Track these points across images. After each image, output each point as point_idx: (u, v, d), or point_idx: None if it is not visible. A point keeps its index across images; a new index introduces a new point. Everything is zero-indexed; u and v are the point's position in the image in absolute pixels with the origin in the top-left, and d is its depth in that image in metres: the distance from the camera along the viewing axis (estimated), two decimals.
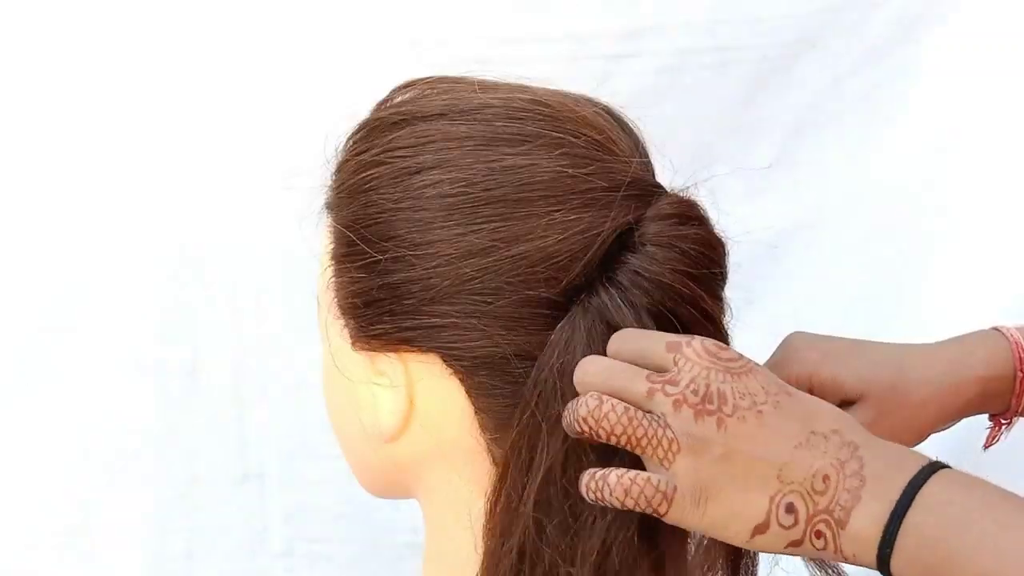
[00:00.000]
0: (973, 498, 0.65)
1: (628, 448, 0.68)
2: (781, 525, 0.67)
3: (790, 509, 0.67)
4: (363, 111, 0.78)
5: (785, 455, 0.67)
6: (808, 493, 0.66)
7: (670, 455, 0.67)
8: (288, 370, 1.24)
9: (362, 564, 1.29)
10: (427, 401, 0.74)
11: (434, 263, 0.72)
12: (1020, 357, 0.85)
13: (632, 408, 0.68)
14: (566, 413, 0.69)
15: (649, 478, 0.67)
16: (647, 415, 0.68)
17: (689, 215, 0.73)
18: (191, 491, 1.26)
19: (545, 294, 0.71)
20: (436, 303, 0.72)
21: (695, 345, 0.69)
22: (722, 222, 0.76)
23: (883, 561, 0.65)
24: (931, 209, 1.30)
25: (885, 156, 1.29)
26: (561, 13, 1.21)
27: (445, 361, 0.73)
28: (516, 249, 0.71)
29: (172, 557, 1.27)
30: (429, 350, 0.73)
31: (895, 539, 0.65)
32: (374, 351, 0.75)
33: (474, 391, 0.73)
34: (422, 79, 0.78)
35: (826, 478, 0.66)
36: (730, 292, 0.77)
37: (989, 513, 0.64)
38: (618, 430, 0.67)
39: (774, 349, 0.84)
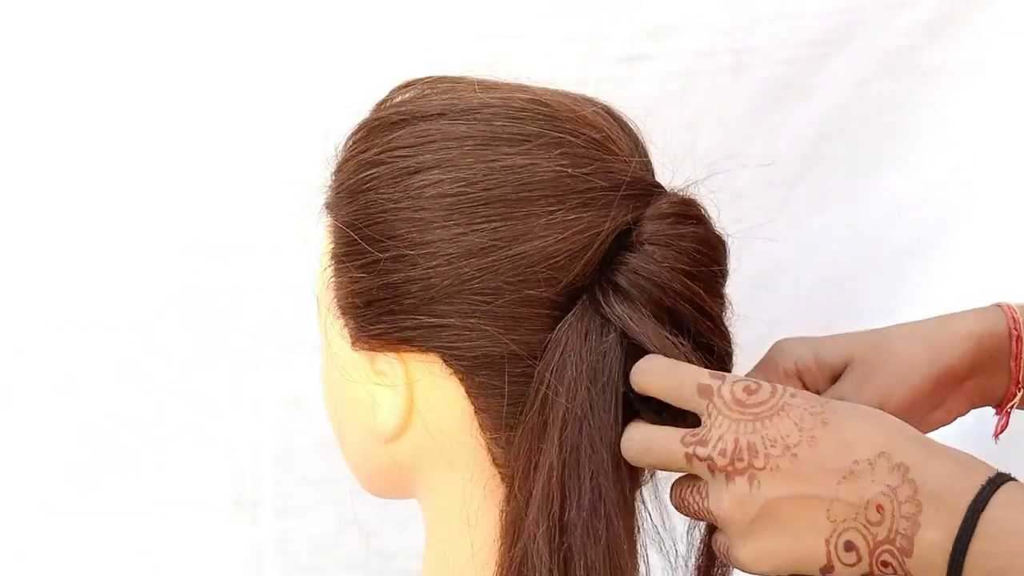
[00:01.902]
0: None
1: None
2: (844, 564, 0.70)
3: (849, 547, 0.70)
4: (363, 111, 0.82)
5: (831, 492, 0.70)
6: (864, 526, 0.69)
7: (718, 522, 0.73)
8: (281, 392, 1.26)
9: None
10: (427, 401, 0.79)
11: (434, 263, 0.76)
12: (1013, 317, 0.86)
13: (684, 489, 0.75)
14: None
15: (716, 544, 0.75)
16: (691, 487, 0.74)
17: (688, 214, 0.78)
18: (180, 519, 1.28)
19: (545, 294, 0.76)
20: (436, 303, 0.77)
21: (724, 394, 0.73)
22: (741, 228, 0.81)
23: None
24: (962, 215, 1.31)
25: (913, 162, 1.30)
26: (574, 15, 1.23)
27: (445, 361, 0.78)
28: (516, 249, 0.76)
29: None
30: (429, 350, 0.78)
31: (961, 570, 0.67)
32: (374, 351, 0.80)
33: (474, 391, 0.78)
34: (422, 79, 0.83)
35: (880, 507, 0.69)
36: (747, 305, 0.82)
37: None
38: (676, 504, 0.76)
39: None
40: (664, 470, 0.76)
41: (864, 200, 1.32)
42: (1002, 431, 0.89)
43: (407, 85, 0.83)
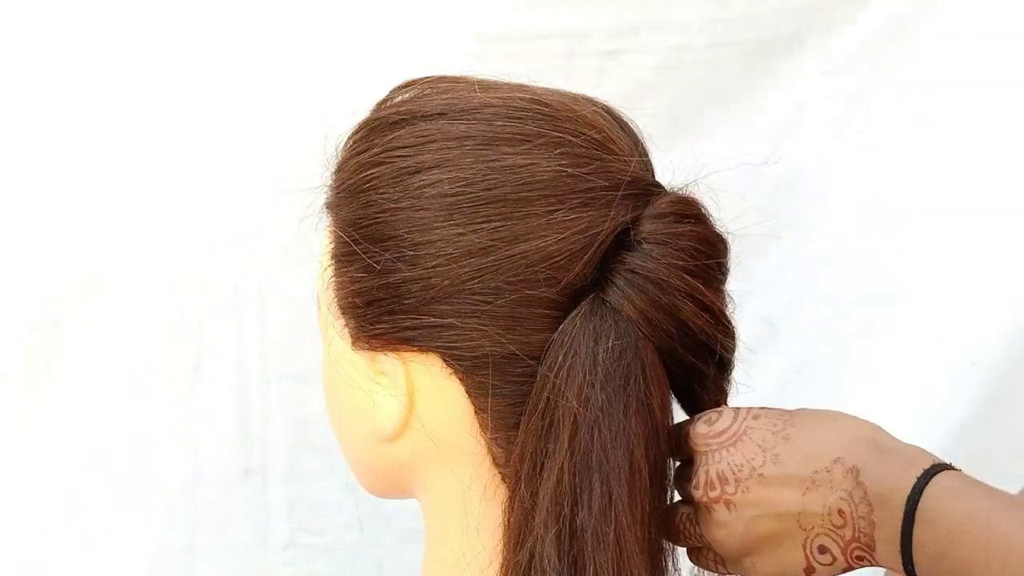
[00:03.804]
0: (955, 507, 0.67)
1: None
2: (822, 564, 0.71)
3: (823, 550, 0.71)
4: (363, 111, 0.78)
5: (796, 505, 0.71)
6: (832, 530, 0.70)
7: (710, 549, 0.75)
8: (290, 364, 1.25)
9: (364, 554, 1.29)
10: (427, 401, 0.75)
11: (434, 263, 0.72)
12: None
13: (678, 519, 0.76)
14: None
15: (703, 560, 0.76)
16: (685, 514, 0.75)
17: (686, 213, 0.74)
18: (194, 485, 1.26)
19: (545, 294, 0.72)
20: (436, 303, 0.72)
21: (692, 434, 0.74)
22: (715, 217, 0.76)
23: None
24: (919, 205, 1.30)
25: (874, 152, 1.29)
26: (556, 10, 1.21)
27: (445, 361, 0.73)
28: (516, 249, 0.71)
29: (175, 551, 1.27)
30: (429, 350, 0.73)
31: (912, 561, 0.68)
32: (374, 351, 0.75)
33: (474, 391, 0.73)
34: (422, 78, 0.78)
35: (840, 512, 0.70)
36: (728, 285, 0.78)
37: (974, 520, 0.67)
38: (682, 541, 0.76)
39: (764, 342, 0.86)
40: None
41: (829, 189, 1.31)
42: None
43: (407, 85, 0.78)
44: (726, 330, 0.75)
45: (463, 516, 0.74)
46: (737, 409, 0.74)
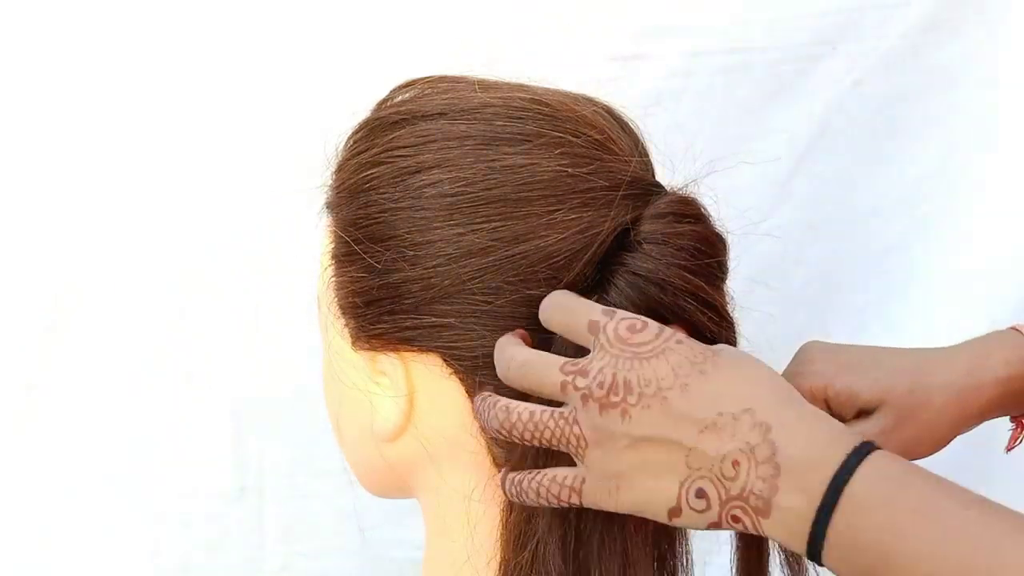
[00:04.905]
0: (904, 497, 0.64)
1: (544, 446, 0.71)
2: (693, 509, 0.68)
3: (700, 494, 0.68)
4: (363, 111, 0.80)
5: (690, 440, 0.68)
6: (718, 479, 0.67)
7: (580, 450, 0.70)
8: (286, 384, 1.26)
9: None
10: (427, 401, 0.77)
11: (434, 263, 0.74)
12: None
13: (538, 411, 0.71)
14: (482, 418, 0.73)
15: (555, 476, 0.71)
16: (555, 414, 0.71)
17: (685, 212, 0.75)
18: (187, 505, 1.28)
19: (545, 294, 0.73)
20: (436, 303, 0.74)
21: (609, 330, 0.70)
22: (738, 227, 0.78)
23: (814, 555, 0.66)
24: (953, 217, 1.30)
25: (906, 160, 1.29)
26: (571, 14, 1.22)
27: (445, 361, 0.75)
28: (516, 248, 0.73)
29: (168, 572, 1.28)
30: (429, 350, 0.75)
31: (823, 539, 0.65)
32: (374, 351, 0.77)
33: (474, 391, 0.75)
34: (423, 78, 0.80)
35: (735, 463, 0.67)
36: (750, 300, 0.80)
37: (923, 516, 0.64)
38: (527, 435, 0.71)
39: (792, 356, 0.85)
40: (533, 394, 0.72)
41: (856, 198, 1.30)
42: (1015, 444, 0.89)
43: (407, 85, 0.81)
44: (729, 326, 0.76)
45: (463, 515, 0.76)
46: (665, 328, 0.71)
